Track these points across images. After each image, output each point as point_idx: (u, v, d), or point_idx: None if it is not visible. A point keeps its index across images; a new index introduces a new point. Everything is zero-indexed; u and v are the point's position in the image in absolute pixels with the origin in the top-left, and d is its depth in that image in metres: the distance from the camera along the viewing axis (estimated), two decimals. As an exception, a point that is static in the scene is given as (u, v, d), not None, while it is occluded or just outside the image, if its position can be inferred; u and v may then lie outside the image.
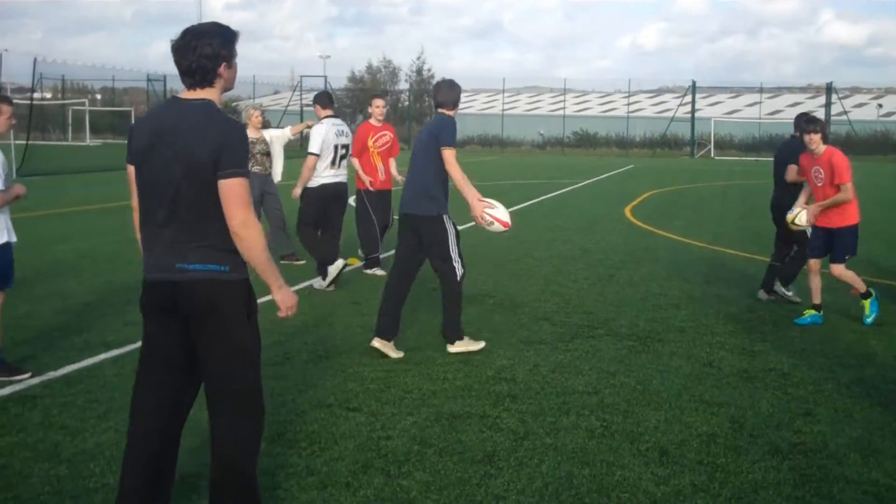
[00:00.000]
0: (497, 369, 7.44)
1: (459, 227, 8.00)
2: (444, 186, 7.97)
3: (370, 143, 11.85)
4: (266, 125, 12.66)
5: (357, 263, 12.57)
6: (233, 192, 3.94)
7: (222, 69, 4.10)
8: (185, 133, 3.97)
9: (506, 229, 8.25)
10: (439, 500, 4.90)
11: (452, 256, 7.97)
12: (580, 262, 13.30)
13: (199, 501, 4.77)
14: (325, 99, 11.50)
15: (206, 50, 4.04)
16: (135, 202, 4.22)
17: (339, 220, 11.37)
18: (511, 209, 20.89)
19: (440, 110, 8.12)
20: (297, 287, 10.88)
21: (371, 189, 11.89)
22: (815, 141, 9.15)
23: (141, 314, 4.25)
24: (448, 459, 5.47)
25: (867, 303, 9.40)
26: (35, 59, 34.83)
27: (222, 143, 3.94)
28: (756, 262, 13.41)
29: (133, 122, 4.27)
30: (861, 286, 9.39)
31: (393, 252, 12.55)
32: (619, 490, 5.08)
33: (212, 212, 3.99)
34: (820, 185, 9.28)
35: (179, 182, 3.97)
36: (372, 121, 12.11)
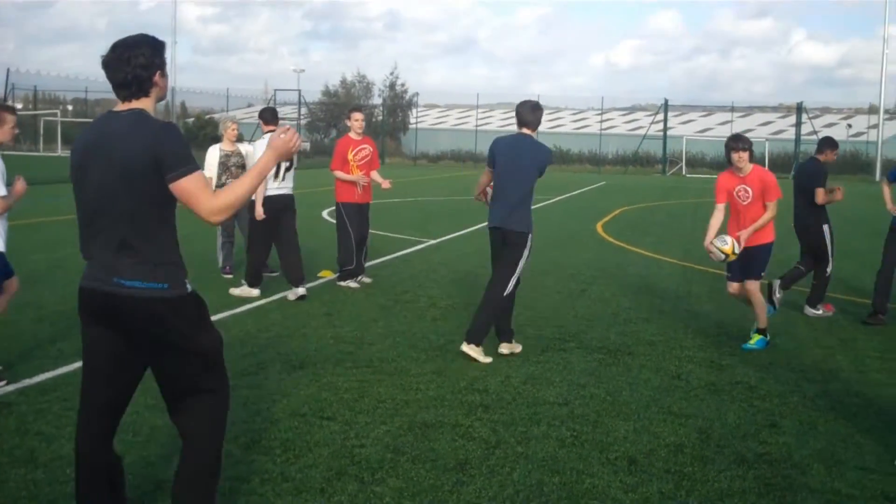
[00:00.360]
0: (469, 380, 7.54)
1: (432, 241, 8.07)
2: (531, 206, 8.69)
3: (350, 156, 11.93)
4: (240, 138, 12.68)
5: (330, 276, 12.64)
6: (191, 189, 3.92)
7: (157, 78, 4.11)
8: (117, 143, 3.95)
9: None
10: (412, 506, 4.99)
11: (516, 272, 8.53)
12: (552, 276, 13.44)
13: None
14: (268, 115, 11.76)
15: (140, 60, 4.03)
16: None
17: (292, 232, 11.41)
18: (484, 224, 21.08)
19: (525, 130, 8.70)
20: (269, 299, 10.95)
21: (360, 187, 11.90)
22: (743, 159, 8.99)
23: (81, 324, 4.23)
24: (421, 467, 5.56)
25: (757, 336, 9.11)
26: (8, 70, 34.69)
27: (157, 146, 3.92)
28: (724, 278, 13.57)
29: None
30: (762, 320, 9.15)
31: (372, 263, 12.70)
32: (587, 497, 5.18)
33: (149, 224, 3.99)
34: (746, 203, 9.09)
35: (116, 194, 3.94)
36: (351, 134, 12.18)
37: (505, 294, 8.46)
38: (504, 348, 8.53)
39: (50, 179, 29.95)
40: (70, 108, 77.64)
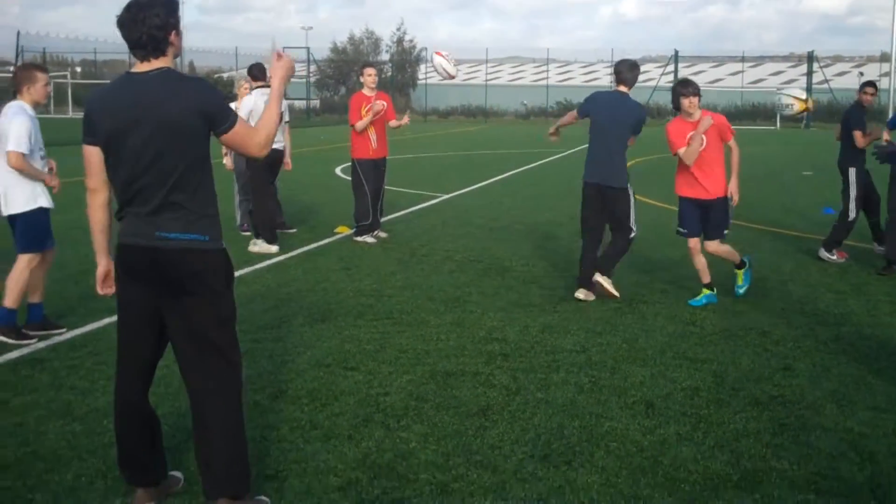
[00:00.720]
0: (488, 330, 7.70)
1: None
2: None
3: (363, 111, 12.02)
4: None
5: (347, 231, 12.79)
6: (241, 134, 4.17)
7: (172, 37, 4.16)
8: (160, 105, 4.03)
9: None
10: (437, 450, 5.16)
11: (632, 220, 9.17)
12: (566, 228, 13.55)
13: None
14: (255, 71, 12.32)
15: (155, 21, 4.08)
16: (93, 182, 4.28)
17: (273, 185, 12.23)
18: (496, 178, 21.24)
19: (622, 88, 9.17)
20: (289, 254, 11.11)
21: (375, 115, 12.02)
22: (694, 104, 8.70)
23: (116, 282, 4.36)
24: (444, 413, 5.73)
25: (741, 273, 9.08)
26: (18, 33, 34.71)
27: (204, 104, 4.08)
28: (737, 227, 13.68)
29: (89, 101, 4.28)
30: (736, 257, 9.04)
31: (388, 218, 12.85)
32: (607, 439, 5.35)
33: (192, 178, 4.11)
34: (701, 147, 8.75)
35: (161, 154, 4.03)
36: (364, 90, 12.26)
37: (630, 238, 9.16)
38: (581, 293, 8.91)
39: (62, 141, 30.02)
40: (79, 69, 77.57)
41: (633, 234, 9.15)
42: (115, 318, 7.77)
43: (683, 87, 8.82)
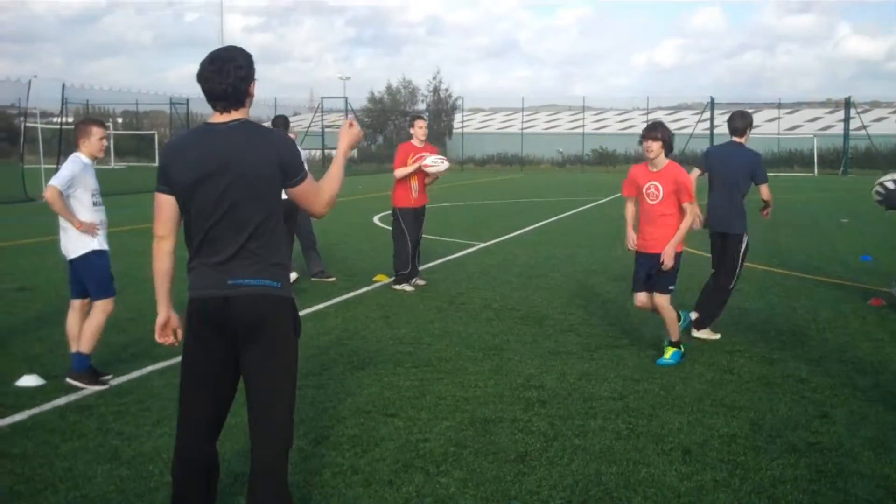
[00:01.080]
0: (526, 377, 7.78)
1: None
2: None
3: (409, 161, 12.17)
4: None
5: (385, 280, 12.92)
6: (309, 190, 4.31)
7: (251, 88, 4.33)
8: (243, 155, 4.16)
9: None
10: (477, 495, 5.24)
11: (738, 266, 9.46)
12: (603, 276, 13.63)
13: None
14: (279, 122, 12.68)
15: (240, 73, 4.23)
16: (161, 229, 4.38)
17: (311, 236, 13.10)
18: (533, 226, 21.33)
19: (735, 138, 9.53)
20: (327, 303, 11.26)
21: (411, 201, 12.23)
22: (653, 150, 8.18)
23: (184, 333, 4.46)
24: (483, 459, 5.81)
25: (671, 350, 8.36)
26: (63, 85, 35.38)
27: (282, 155, 4.22)
28: (774, 274, 13.72)
29: (166, 150, 4.41)
30: (675, 334, 8.39)
31: (426, 267, 12.98)
32: (644, 485, 5.40)
33: (266, 227, 4.22)
34: (654, 203, 8.33)
35: (240, 203, 4.16)
36: (414, 141, 12.39)
37: (731, 285, 9.48)
38: (702, 333, 9.30)
39: (105, 192, 30.57)
40: (120, 120, 78.78)
41: (734, 280, 9.48)
42: (158, 365, 8.01)
43: (644, 130, 8.35)
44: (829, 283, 13.05)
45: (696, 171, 9.51)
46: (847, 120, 59.69)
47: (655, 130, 8.25)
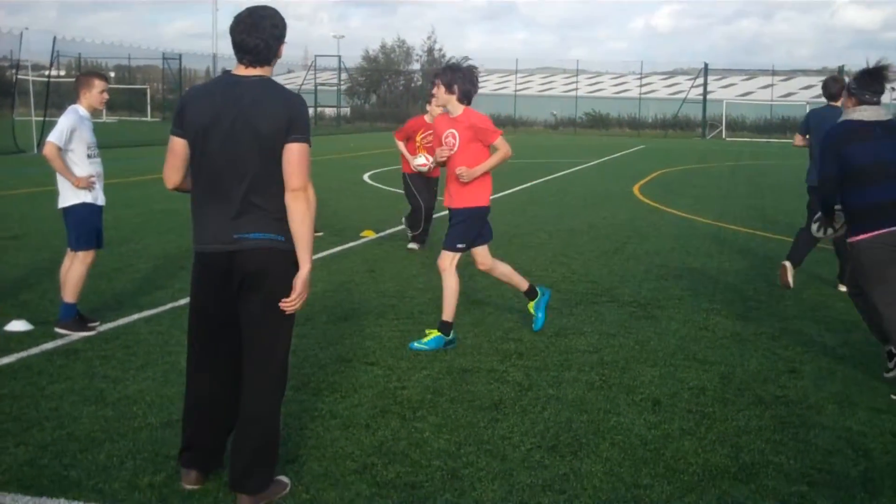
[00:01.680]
0: (505, 331, 7.96)
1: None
2: None
3: (419, 137, 12.13)
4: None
5: (372, 235, 13.07)
6: (296, 156, 4.28)
7: (280, 49, 4.47)
8: (253, 110, 4.28)
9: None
10: (450, 439, 5.41)
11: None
12: (587, 236, 13.80)
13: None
14: None
15: (275, 31, 4.38)
16: (175, 175, 4.53)
17: None
18: (522, 186, 21.46)
19: (832, 103, 9.82)
20: (316, 256, 11.38)
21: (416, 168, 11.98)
22: (440, 95, 7.42)
23: (191, 281, 4.62)
24: (458, 406, 5.99)
25: (432, 334, 7.42)
26: (54, 38, 35.23)
27: (291, 111, 4.31)
28: (758, 237, 13.91)
29: (185, 95, 4.55)
30: (449, 313, 7.40)
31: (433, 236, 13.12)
32: (613, 433, 5.58)
33: (273, 182, 4.33)
34: (451, 152, 7.45)
35: (246, 154, 4.28)
36: (426, 117, 12.31)
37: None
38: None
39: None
40: (112, 74, 78.39)
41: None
42: (144, 314, 8.16)
43: (438, 72, 7.58)
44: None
45: (798, 138, 9.96)
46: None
47: (443, 72, 7.41)
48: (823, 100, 10.19)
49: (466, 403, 6.04)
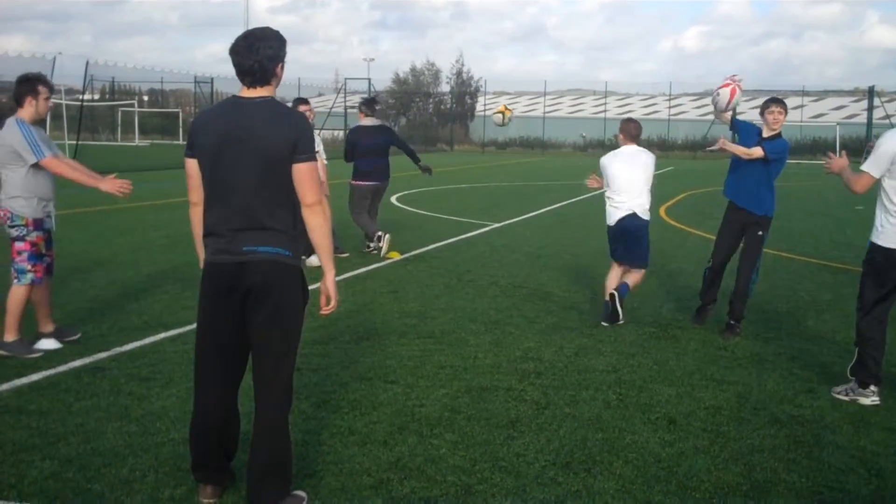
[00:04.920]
0: (524, 350, 8.04)
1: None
2: None
3: None
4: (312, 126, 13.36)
5: (397, 257, 13.19)
6: (306, 174, 4.46)
7: (279, 69, 4.61)
8: (261, 130, 4.44)
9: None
10: (465, 456, 5.50)
11: None
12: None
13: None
14: (296, 102, 12.41)
15: (269, 52, 4.52)
16: (194, 196, 4.71)
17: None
18: (548, 208, 21.52)
19: None
20: (340, 277, 11.52)
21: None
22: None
23: (199, 297, 4.74)
24: (475, 424, 6.07)
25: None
26: (87, 62, 35.74)
27: (296, 132, 4.46)
28: (783, 258, 13.89)
29: (196, 119, 4.73)
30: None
31: (438, 245, 13.19)
32: (627, 451, 5.65)
33: (282, 200, 4.49)
34: None
35: (255, 176, 4.44)
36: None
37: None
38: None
39: (129, 168, 31.00)
40: (146, 98, 79.23)
41: None
42: (170, 333, 8.30)
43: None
44: (834, 267, 13.23)
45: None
46: (870, 109, 59.36)
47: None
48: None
49: (483, 421, 6.13)
